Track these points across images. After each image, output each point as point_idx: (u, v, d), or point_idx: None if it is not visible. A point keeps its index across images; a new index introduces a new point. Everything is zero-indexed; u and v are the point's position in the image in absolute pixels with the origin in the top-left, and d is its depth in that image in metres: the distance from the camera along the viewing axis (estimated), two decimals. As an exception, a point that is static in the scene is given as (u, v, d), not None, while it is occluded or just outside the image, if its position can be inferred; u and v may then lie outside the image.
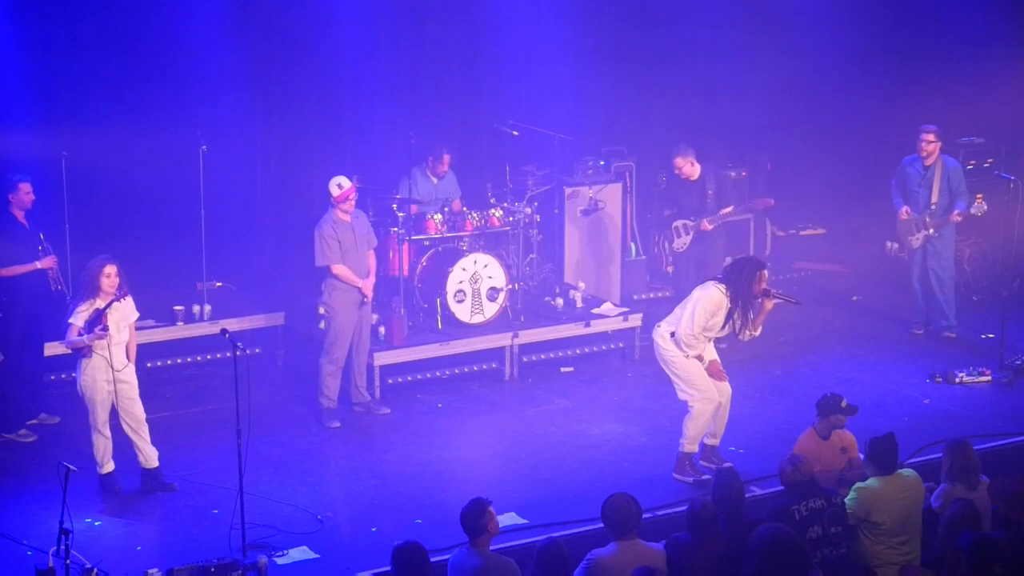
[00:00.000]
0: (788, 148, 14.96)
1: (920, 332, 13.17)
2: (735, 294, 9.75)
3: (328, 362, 11.11)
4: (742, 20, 14.13)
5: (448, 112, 13.80)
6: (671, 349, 9.91)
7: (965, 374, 11.96)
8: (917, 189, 12.83)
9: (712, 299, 9.78)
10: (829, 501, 8.23)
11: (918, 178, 12.83)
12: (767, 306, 9.86)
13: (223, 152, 12.38)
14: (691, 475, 9.99)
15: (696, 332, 9.79)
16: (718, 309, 9.78)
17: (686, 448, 10.03)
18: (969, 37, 14.19)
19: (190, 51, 12.53)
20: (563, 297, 12.96)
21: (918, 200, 12.83)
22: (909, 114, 14.04)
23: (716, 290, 9.79)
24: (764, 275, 9.82)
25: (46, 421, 11.09)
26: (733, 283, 9.77)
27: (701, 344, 9.91)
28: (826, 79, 14.68)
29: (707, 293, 9.82)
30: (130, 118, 12.33)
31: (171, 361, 12.02)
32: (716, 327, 9.86)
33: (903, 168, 12.98)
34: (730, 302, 9.76)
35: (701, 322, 9.77)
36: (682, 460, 10.04)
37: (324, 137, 13.35)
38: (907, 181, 12.92)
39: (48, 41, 12.17)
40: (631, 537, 7.69)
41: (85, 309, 9.57)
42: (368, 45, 13.20)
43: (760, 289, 9.76)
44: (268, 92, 13.23)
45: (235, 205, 12.89)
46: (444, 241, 12.55)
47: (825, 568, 7.94)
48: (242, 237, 13.18)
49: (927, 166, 12.78)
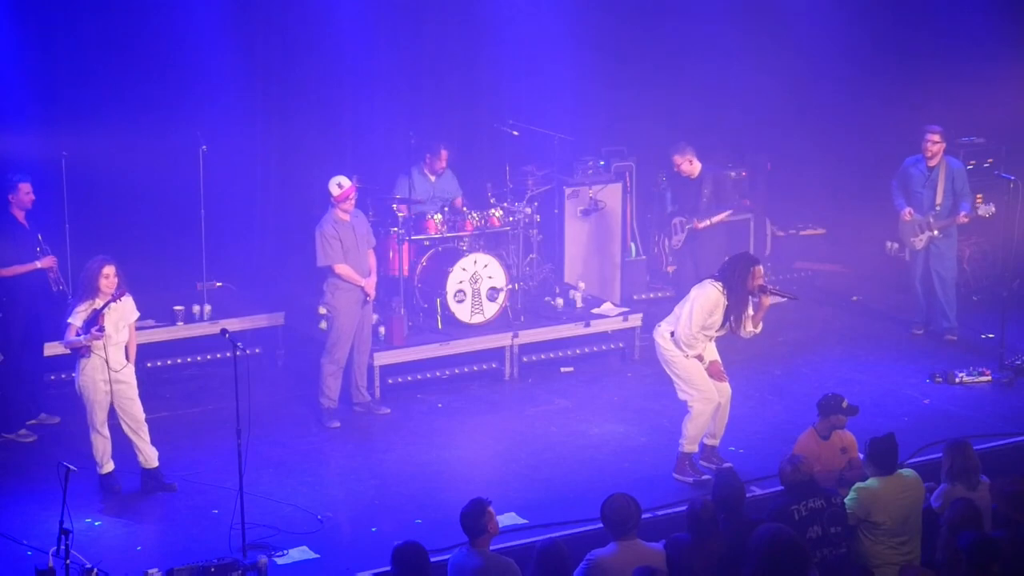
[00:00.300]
0: (788, 148, 14.96)
1: (920, 332, 13.16)
2: (731, 291, 9.77)
3: (329, 362, 11.11)
4: (742, 20, 14.13)
5: (448, 112, 13.80)
6: (671, 349, 9.92)
7: (965, 374, 11.96)
8: (921, 190, 12.79)
9: (709, 298, 9.79)
10: (829, 501, 8.23)
11: (922, 179, 12.79)
12: (765, 302, 9.87)
13: (223, 152, 12.38)
14: (691, 475, 9.99)
15: (695, 331, 9.80)
16: (715, 307, 9.79)
17: (686, 448, 10.03)
18: (969, 37, 14.18)
19: (190, 51, 12.53)
20: (563, 297, 12.96)
21: (922, 201, 12.79)
22: (909, 114, 14.04)
23: (713, 288, 9.80)
24: (759, 271, 9.84)
25: (46, 421, 11.09)
26: (728, 280, 9.79)
27: (701, 343, 9.91)
28: (826, 79, 14.68)
29: (704, 292, 9.83)
30: (130, 118, 12.33)
31: (171, 361, 12.02)
32: (715, 325, 9.86)
33: (906, 169, 12.94)
34: (727, 299, 9.78)
35: (699, 321, 9.78)
36: (682, 460, 10.04)
37: (324, 137, 13.35)
38: (910, 182, 12.88)
39: (48, 41, 12.16)
40: (631, 537, 7.69)
41: (84, 309, 9.58)
42: (368, 45, 13.20)
43: (756, 285, 9.77)
44: (268, 92, 13.23)
45: (235, 205, 12.89)
46: (444, 241, 12.55)
47: (825, 568, 7.94)
48: (242, 237, 13.18)
49: (931, 167, 12.73)
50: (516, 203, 12.79)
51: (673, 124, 14.07)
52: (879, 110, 14.86)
